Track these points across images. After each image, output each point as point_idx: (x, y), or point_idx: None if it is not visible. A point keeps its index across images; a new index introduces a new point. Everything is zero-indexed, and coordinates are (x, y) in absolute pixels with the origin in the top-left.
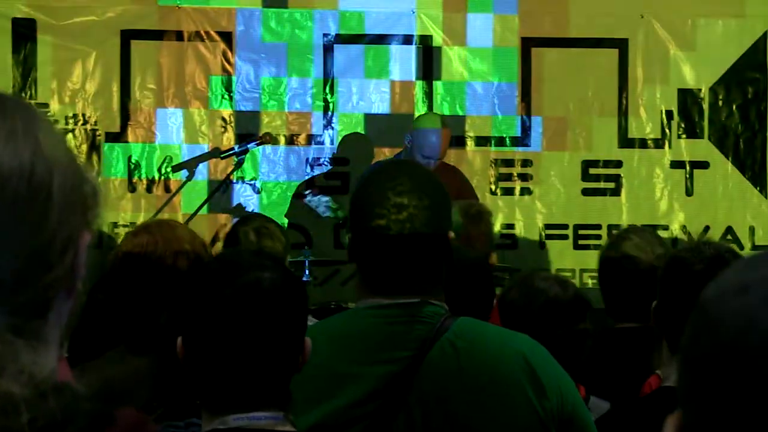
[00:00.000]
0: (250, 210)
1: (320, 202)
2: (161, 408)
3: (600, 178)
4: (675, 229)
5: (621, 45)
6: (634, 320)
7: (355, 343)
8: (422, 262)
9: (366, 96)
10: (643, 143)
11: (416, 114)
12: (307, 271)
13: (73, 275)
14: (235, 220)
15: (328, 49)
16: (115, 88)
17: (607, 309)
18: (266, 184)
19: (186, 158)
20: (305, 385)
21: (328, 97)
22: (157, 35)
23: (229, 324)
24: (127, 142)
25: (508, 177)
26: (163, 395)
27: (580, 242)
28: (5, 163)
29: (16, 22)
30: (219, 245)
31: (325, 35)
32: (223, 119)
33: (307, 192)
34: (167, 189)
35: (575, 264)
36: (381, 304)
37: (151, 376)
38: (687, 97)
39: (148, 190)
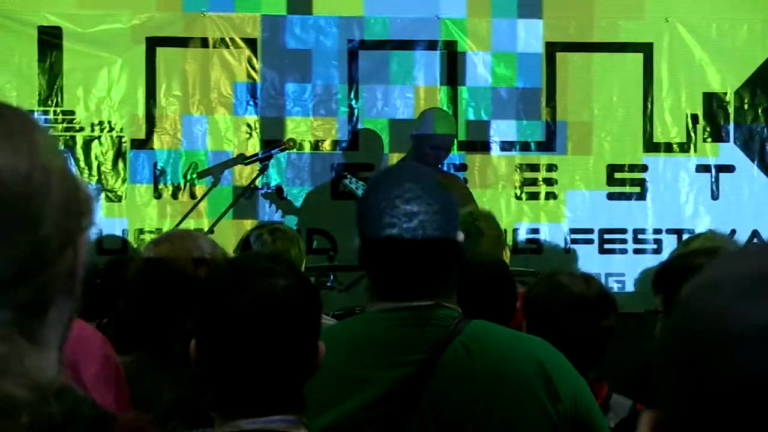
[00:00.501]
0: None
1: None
2: (179, 418)
3: (625, 182)
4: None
5: (646, 49)
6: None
7: (368, 346)
8: (435, 267)
9: (391, 101)
10: (668, 147)
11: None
12: (332, 276)
13: (71, 275)
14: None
15: (352, 55)
16: (141, 95)
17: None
18: (291, 189)
19: (211, 164)
20: (318, 389)
21: (353, 102)
22: (182, 42)
23: (242, 330)
24: (152, 148)
25: (534, 182)
26: (183, 405)
27: (606, 246)
28: (4, 162)
29: (42, 30)
30: None
31: (349, 41)
32: (248, 125)
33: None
34: (192, 195)
35: (600, 268)
36: (393, 307)
37: (172, 386)
38: (712, 101)
39: (174, 196)
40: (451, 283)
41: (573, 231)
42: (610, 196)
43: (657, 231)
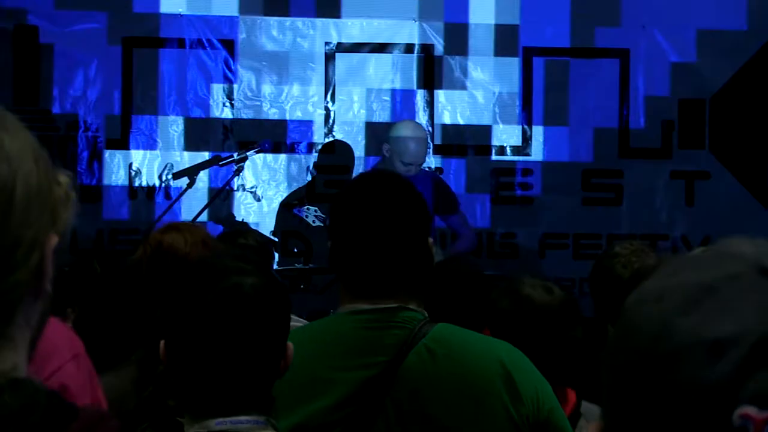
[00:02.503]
0: (241, 219)
1: (309, 212)
2: (146, 423)
3: (601, 187)
4: (675, 239)
5: (623, 55)
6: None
7: (334, 347)
8: (402, 269)
9: (367, 104)
10: (643, 153)
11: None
12: (306, 278)
13: (39, 277)
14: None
15: (329, 58)
16: (117, 96)
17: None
18: (267, 192)
19: (187, 166)
20: (284, 389)
21: (329, 105)
22: (158, 43)
23: (210, 328)
24: (128, 149)
25: (509, 186)
26: (150, 404)
27: (581, 252)
28: None
29: (18, 29)
30: None
31: (326, 44)
32: (224, 127)
33: (294, 203)
34: (168, 196)
35: (575, 274)
36: (360, 309)
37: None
38: (688, 108)
39: (149, 197)
40: (419, 286)
41: (548, 236)
42: (585, 202)
43: (632, 237)
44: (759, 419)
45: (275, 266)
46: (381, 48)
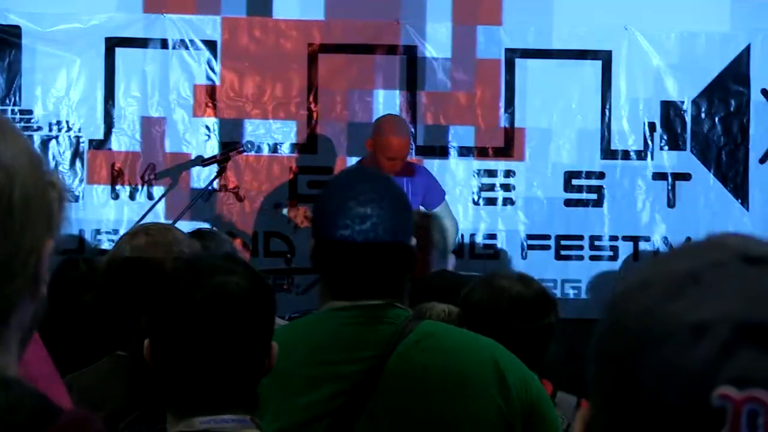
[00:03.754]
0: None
1: (297, 213)
2: (136, 412)
3: (582, 189)
4: (656, 241)
5: (605, 57)
6: None
7: (319, 344)
8: (386, 269)
9: (350, 105)
10: (625, 155)
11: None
12: (288, 279)
13: (35, 282)
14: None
15: (312, 58)
16: (99, 96)
17: None
18: (249, 192)
19: (169, 166)
20: (270, 387)
21: (312, 106)
22: (141, 43)
23: (195, 326)
24: (110, 149)
25: (491, 187)
26: (138, 400)
27: (562, 253)
28: None
29: (1, 28)
30: None
31: (309, 44)
32: (207, 127)
33: (282, 203)
34: (150, 196)
35: (557, 275)
36: (345, 306)
37: (125, 379)
38: (670, 109)
39: (131, 197)
40: (403, 285)
41: (530, 237)
42: (567, 203)
43: (613, 238)
44: (738, 399)
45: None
46: (364, 49)
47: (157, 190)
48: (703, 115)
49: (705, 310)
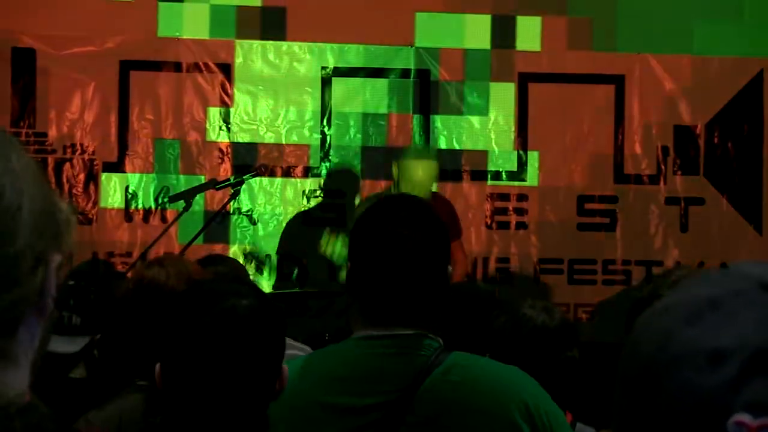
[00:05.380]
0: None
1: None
2: None
3: (595, 213)
4: (670, 265)
5: (618, 81)
6: None
7: (349, 373)
8: (420, 296)
9: (363, 129)
10: (638, 179)
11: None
12: (301, 302)
13: (43, 295)
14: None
15: (326, 82)
16: (113, 118)
17: None
18: (263, 215)
19: (183, 189)
20: (297, 415)
21: (326, 129)
22: (155, 66)
23: (205, 349)
24: (124, 172)
25: (504, 211)
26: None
27: (575, 277)
28: None
29: (15, 51)
30: None
31: (323, 68)
32: (221, 150)
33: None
34: (164, 219)
35: (570, 299)
36: (375, 335)
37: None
38: (683, 134)
39: (145, 220)
40: (436, 313)
41: (542, 261)
42: (580, 227)
43: (626, 262)
44: (753, 426)
45: (271, 289)
46: (377, 73)
47: (171, 213)
48: (716, 140)
49: (723, 337)
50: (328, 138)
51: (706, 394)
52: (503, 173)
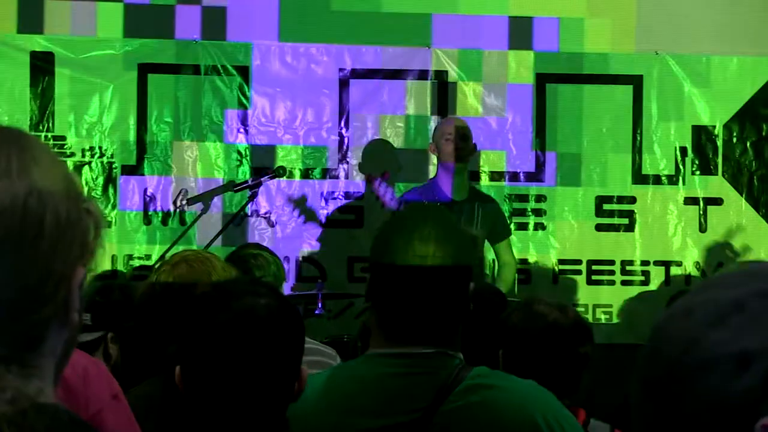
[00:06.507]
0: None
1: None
2: None
3: (614, 213)
4: (688, 266)
5: (636, 81)
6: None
7: (368, 393)
8: (441, 311)
9: (381, 130)
10: (657, 179)
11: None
12: (320, 304)
13: (66, 309)
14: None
15: (343, 84)
16: (132, 122)
17: None
18: (281, 217)
19: (201, 191)
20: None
21: (343, 131)
22: (174, 69)
23: (224, 349)
24: (143, 174)
25: (522, 212)
26: (167, 426)
27: (594, 278)
28: None
29: (34, 55)
30: None
31: (340, 70)
32: (239, 153)
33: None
34: (182, 222)
35: (588, 299)
36: (396, 353)
37: (155, 406)
38: (701, 134)
39: (164, 222)
40: (457, 329)
41: (561, 262)
42: (599, 228)
43: (645, 263)
44: None
45: (289, 291)
46: (395, 74)
47: (189, 216)
48: (734, 140)
49: (749, 340)
50: (345, 140)
51: (732, 398)
52: (521, 174)
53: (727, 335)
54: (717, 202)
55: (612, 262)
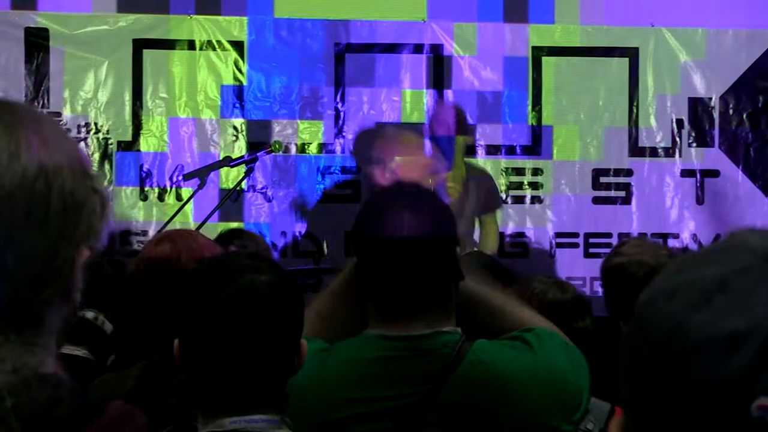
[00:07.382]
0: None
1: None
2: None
3: (610, 186)
4: (685, 238)
5: (632, 54)
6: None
7: (367, 375)
8: (431, 284)
9: (377, 105)
10: (653, 152)
11: (426, 122)
12: (317, 278)
13: (68, 289)
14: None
15: (339, 58)
16: (127, 97)
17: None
18: (277, 192)
19: (197, 167)
20: (315, 421)
21: (339, 106)
22: (169, 44)
23: (223, 325)
24: (138, 150)
25: (519, 185)
26: (148, 400)
27: (591, 250)
28: (6, 185)
29: (29, 31)
30: None
31: (336, 44)
32: (235, 128)
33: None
34: (179, 197)
35: (585, 272)
36: (391, 335)
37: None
38: (697, 106)
39: (160, 198)
40: (451, 301)
41: (558, 235)
42: (596, 201)
43: (642, 235)
44: None
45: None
46: (390, 48)
47: (186, 191)
48: (731, 112)
49: (735, 321)
50: (341, 114)
51: (723, 381)
52: (518, 147)
53: (711, 317)
54: (714, 174)
55: (609, 235)
